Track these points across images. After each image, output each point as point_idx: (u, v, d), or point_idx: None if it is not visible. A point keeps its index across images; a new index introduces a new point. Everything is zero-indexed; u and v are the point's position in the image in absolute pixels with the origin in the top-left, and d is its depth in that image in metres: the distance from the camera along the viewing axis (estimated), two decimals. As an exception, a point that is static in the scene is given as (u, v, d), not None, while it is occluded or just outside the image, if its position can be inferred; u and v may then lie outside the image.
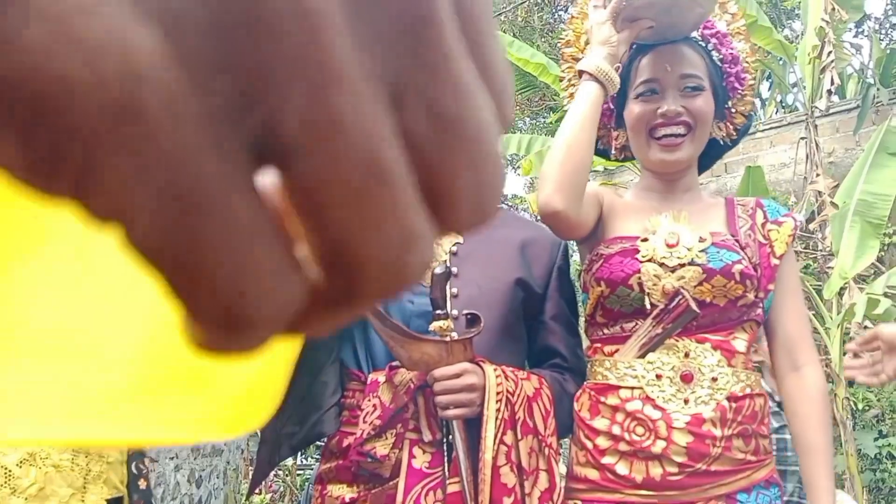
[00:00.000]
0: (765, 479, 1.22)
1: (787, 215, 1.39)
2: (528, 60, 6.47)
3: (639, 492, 1.20)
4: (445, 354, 1.25)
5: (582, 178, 1.25)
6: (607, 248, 1.33)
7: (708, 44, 1.37)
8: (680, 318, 1.20)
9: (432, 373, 1.24)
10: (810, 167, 5.94)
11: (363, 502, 1.28)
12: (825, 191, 5.65)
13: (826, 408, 1.30)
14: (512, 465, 1.23)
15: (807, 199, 5.90)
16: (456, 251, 1.41)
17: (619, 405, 1.25)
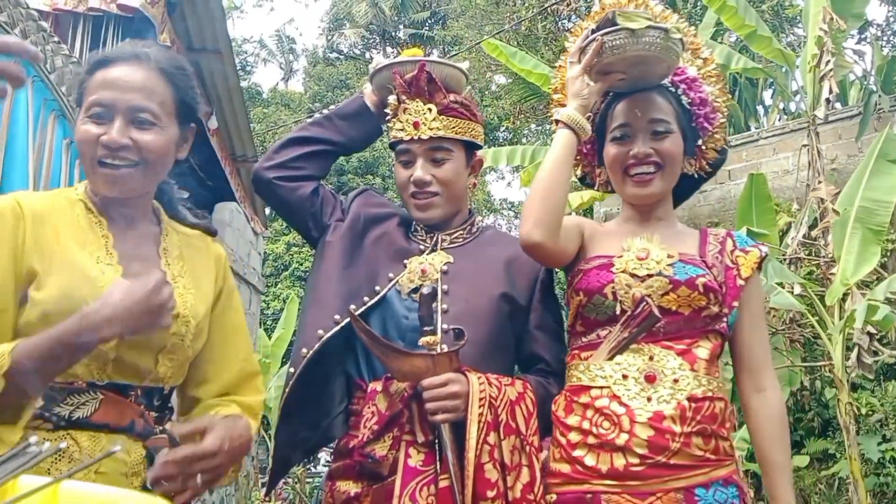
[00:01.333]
0: (724, 477, 1.34)
1: (755, 246, 1.53)
2: (531, 71, 6.59)
3: (604, 482, 1.32)
4: (432, 366, 1.40)
5: (558, 213, 1.40)
6: (587, 264, 1.49)
7: (678, 89, 1.52)
8: (644, 323, 1.32)
9: (421, 382, 1.40)
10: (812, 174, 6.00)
11: (366, 497, 1.44)
12: (827, 197, 5.70)
13: (785, 427, 1.45)
14: (495, 463, 1.37)
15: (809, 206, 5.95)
16: (447, 270, 1.55)
17: (589, 403, 1.39)
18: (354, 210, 1.65)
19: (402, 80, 1.59)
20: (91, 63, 1.24)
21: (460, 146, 1.60)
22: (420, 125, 1.56)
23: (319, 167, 1.66)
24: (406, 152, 1.60)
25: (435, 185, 1.57)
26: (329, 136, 1.66)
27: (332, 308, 1.52)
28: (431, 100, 1.58)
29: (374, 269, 1.58)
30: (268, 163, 1.62)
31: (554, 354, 1.58)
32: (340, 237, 1.60)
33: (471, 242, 1.63)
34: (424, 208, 1.59)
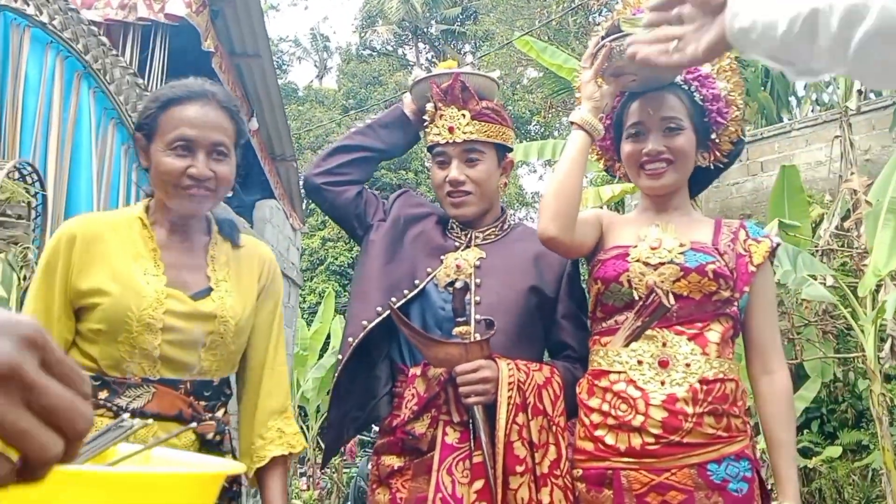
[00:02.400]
0: (735, 453, 1.44)
1: (766, 236, 1.63)
2: (561, 66, 6.65)
3: (623, 459, 1.44)
4: (465, 353, 1.54)
5: (572, 209, 1.52)
6: (605, 254, 1.60)
7: (690, 87, 1.61)
8: (655, 313, 1.44)
9: (455, 368, 1.53)
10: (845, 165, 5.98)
11: (407, 470, 1.59)
12: (860, 188, 5.68)
13: (791, 408, 1.54)
14: (524, 441, 1.50)
15: (842, 197, 5.93)
16: (479, 265, 1.69)
17: (608, 387, 1.51)
18: (395, 211, 1.80)
19: (438, 89, 1.74)
20: (163, 100, 1.42)
21: (492, 148, 1.74)
22: (455, 129, 1.71)
23: (363, 172, 1.81)
24: (442, 154, 1.74)
25: (468, 184, 1.71)
26: (371, 144, 1.82)
27: (375, 301, 1.67)
28: (465, 106, 1.72)
29: (413, 264, 1.72)
30: (316, 170, 1.79)
31: (580, 341, 1.70)
32: (382, 236, 1.75)
33: (502, 239, 1.77)
34: (459, 206, 1.73)
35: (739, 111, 1.66)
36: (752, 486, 1.44)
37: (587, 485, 1.49)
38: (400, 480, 1.59)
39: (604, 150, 1.74)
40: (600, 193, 5.96)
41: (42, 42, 2.94)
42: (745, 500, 1.42)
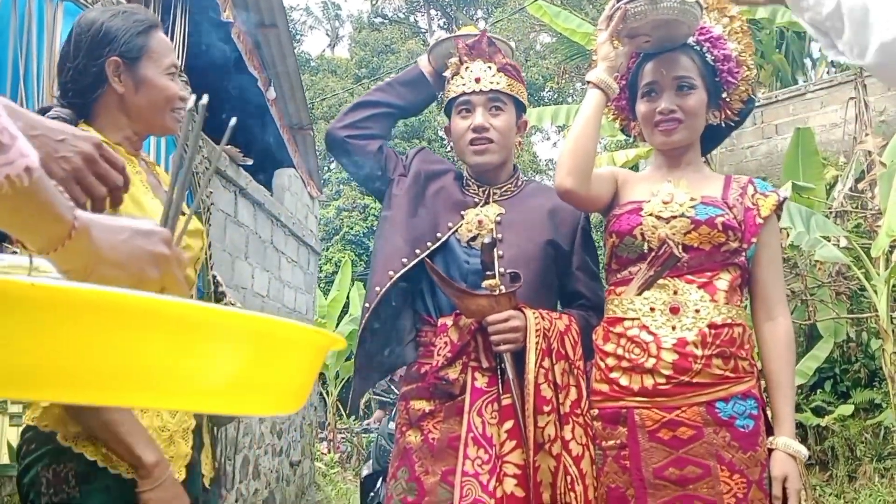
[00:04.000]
0: (742, 392, 1.54)
1: (774, 191, 1.70)
2: (574, 30, 6.63)
3: (636, 398, 1.54)
4: (495, 304, 1.64)
5: (587, 164, 1.60)
6: (620, 209, 1.69)
7: (702, 47, 1.68)
8: (666, 262, 1.52)
9: (486, 319, 1.64)
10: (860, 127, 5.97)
11: (439, 412, 1.70)
12: (874, 150, 5.68)
13: (792, 350, 1.63)
14: (549, 383, 1.61)
15: (856, 159, 5.93)
16: (500, 220, 1.78)
17: (622, 332, 1.60)
18: (415, 166, 1.88)
19: (465, 44, 1.83)
20: (147, 23, 1.43)
21: (512, 103, 1.83)
22: (481, 80, 1.80)
23: (383, 127, 1.90)
24: (466, 103, 1.81)
25: (492, 132, 1.79)
26: (391, 100, 1.90)
27: (401, 252, 1.76)
28: (491, 59, 1.81)
29: (434, 218, 1.81)
30: (339, 123, 1.88)
31: (593, 291, 1.81)
32: (405, 190, 1.83)
33: (518, 195, 1.85)
34: (482, 153, 1.80)
35: (750, 71, 1.72)
36: (757, 422, 1.53)
37: (603, 423, 1.59)
38: (431, 422, 1.69)
39: (620, 111, 1.81)
40: (614, 158, 6.00)
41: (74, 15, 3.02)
42: (751, 435, 1.51)
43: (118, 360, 0.47)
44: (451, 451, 1.63)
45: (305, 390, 0.60)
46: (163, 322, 0.48)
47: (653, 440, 1.52)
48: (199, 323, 0.50)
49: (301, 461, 6.21)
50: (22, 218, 0.64)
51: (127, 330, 0.47)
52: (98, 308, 0.47)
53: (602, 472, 1.58)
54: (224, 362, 0.51)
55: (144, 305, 0.48)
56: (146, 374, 0.48)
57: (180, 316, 0.49)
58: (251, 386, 0.54)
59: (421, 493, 1.64)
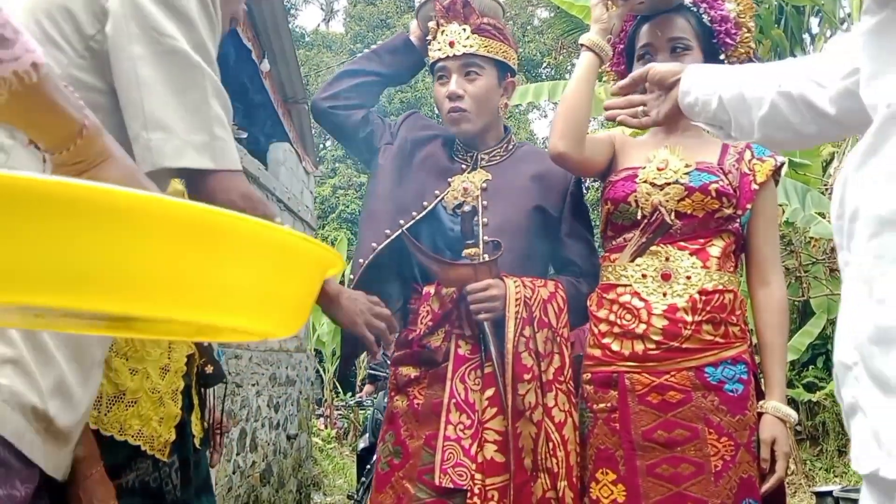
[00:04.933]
0: (732, 357, 1.55)
1: (771, 156, 1.69)
2: (572, 3, 6.53)
3: (626, 363, 1.55)
4: (474, 273, 1.64)
5: (581, 127, 1.59)
6: (615, 175, 1.68)
7: (699, 9, 1.66)
8: (658, 229, 1.52)
9: (466, 288, 1.63)
10: (857, 102, 5.93)
11: (424, 379, 1.71)
12: (871, 126, 5.66)
13: (785, 316, 1.63)
14: (530, 352, 1.61)
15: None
16: (486, 187, 1.77)
17: (615, 299, 1.61)
18: (402, 134, 1.85)
19: (441, 5, 1.78)
20: None
21: (492, 65, 1.77)
22: (455, 44, 1.74)
23: (368, 96, 1.87)
24: (442, 69, 1.77)
25: (466, 99, 1.74)
26: (375, 69, 1.87)
27: (385, 223, 1.75)
28: (466, 21, 1.75)
29: (421, 186, 1.79)
30: (323, 94, 1.85)
31: (584, 257, 1.80)
32: (391, 159, 1.81)
33: (507, 160, 1.83)
34: (457, 121, 1.76)
35: (750, 33, 1.71)
36: (747, 387, 1.54)
37: (594, 387, 1.61)
38: (416, 388, 1.70)
39: (619, 76, 1.79)
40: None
41: None
42: (740, 399, 1.52)
43: (109, 261, 0.44)
44: (434, 416, 1.64)
45: (307, 311, 0.57)
46: (169, 223, 0.45)
47: (642, 403, 1.53)
48: (206, 225, 0.47)
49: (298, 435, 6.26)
50: (31, 115, 0.63)
51: (128, 231, 0.44)
52: (101, 206, 0.43)
53: (592, 434, 1.60)
54: (233, 271, 0.48)
55: (153, 206, 0.45)
56: (143, 280, 0.45)
57: (185, 217, 0.46)
58: (258, 301, 0.51)
59: (406, 456, 1.66)
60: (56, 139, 0.65)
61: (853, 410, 0.69)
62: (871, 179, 0.68)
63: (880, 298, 0.65)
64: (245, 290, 0.50)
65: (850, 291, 0.71)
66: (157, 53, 0.90)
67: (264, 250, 0.50)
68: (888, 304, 0.65)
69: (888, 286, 0.65)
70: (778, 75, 1.01)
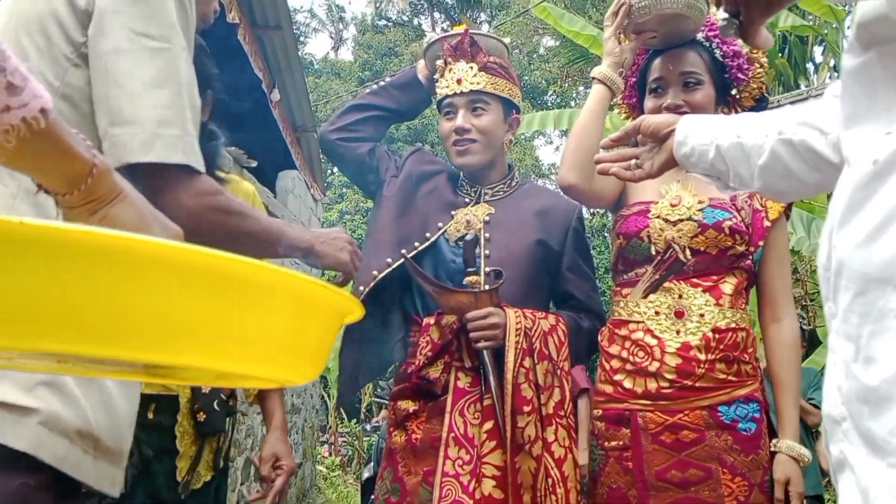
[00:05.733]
0: (745, 395, 1.53)
1: None
2: (578, 32, 6.62)
3: (639, 401, 1.54)
4: (475, 301, 1.64)
5: (590, 159, 1.59)
6: (628, 210, 1.68)
7: (711, 43, 1.66)
8: (672, 267, 1.52)
9: (466, 315, 1.63)
10: (863, 131, 5.94)
11: (422, 412, 1.69)
12: (878, 155, 5.67)
13: (797, 353, 1.62)
14: (530, 383, 1.61)
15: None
16: (489, 220, 1.79)
17: (627, 335, 1.59)
18: (408, 167, 1.87)
19: (449, 45, 1.82)
20: None
21: (498, 102, 1.81)
22: (462, 81, 1.78)
23: (375, 130, 1.90)
24: (449, 105, 1.81)
25: (473, 132, 1.77)
26: (383, 104, 1.90)
27: (387, 252, 1.76)
28: (473, 59, 1.80)
29: (425, 218, 1.80)
30: (331, 126, 1.88)
31: (584, 292, 1.80)
32: (395, 191, 1.83)
33: (510, 195, 1.84)
34: (463, 153, 1.79)
35: (763, 68, 1.70)
36: (760, 426, 1.52)
37: (606, 424, 1.59)
38: (415, 422, 1.68)
39: (631, 108, 1.81)
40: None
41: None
42: (753, 438, 1.50)
43: (131, 310, 0.44)
44: (432, 451, 1.62)
45: (325, 357, 0.58)
46: (192, 273, 0.46)
47: (655, 443, 1.51)
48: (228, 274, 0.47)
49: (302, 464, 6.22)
50: (41, 160, 0.63)
51: (150, 280, 0.44)
52: (122, 256, 0.44)
53: (603, 472, 1.58)
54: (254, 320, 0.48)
55: (178, 255, 0.45)
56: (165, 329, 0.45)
57: (208, 266, 0.46)
58: (279, 349, 0.51)
59: (403, 493, 1.64)
60: (66, 181, 0.65)
61: (841, 466, 0.68)
62: (856, 237, 0.67)
63: (867, 357, 0.64)
64: (266, 338, 0.50)
65: (837, 346, 0.70)
66: (129, 51, 0.87)
67: (285, 299, 0.50)
68: (876, 363, 0.64)
69: (874, 345, 0.64)
70: (777, 122, 0.98)
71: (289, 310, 0.51)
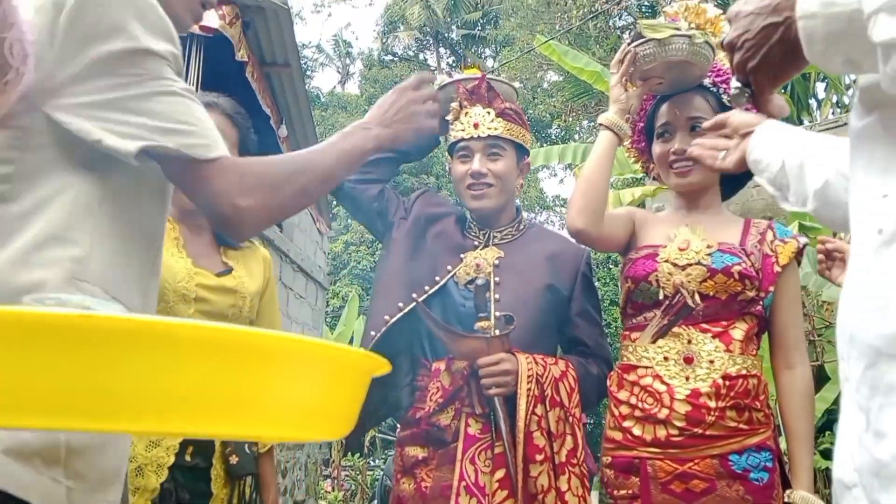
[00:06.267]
0: (756, 444, 1.51)
1: (794, 237, 1.67)
2: (582, 69, 6.69)
3: (649, 449, 1.52)
4: (486, 347, 1.62)
5: (599, 204, 1.60)
6: (636, 253, 1.67)
7: (718, 88, 1.67)
8: (680, 312, 1.51)
9: (477, 361, 1.62)
10: (867, 167, 5.95)
11: (432, 460, 1.66)
12: (882, 190, 5.66)
13: (811, 401, 1.60)
14: (542, 431, 1.58)
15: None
16: (498, 263, 1.78)
17: (636, 381, 1.58)
18: (416, 210, 1.87)
19: (465, 88, 1.83)
20: None
21: (512, 147, 1.82)
22: (479, 125, 1.79)
23: (384, 172, 1.89)
24: (465, 149, 1.81)
25: (490, 177, 1.78)
26: None
27: (397, 296, 1.74)
28: (490, 105, 1.81)
29: (434, 262, 1.79)
30: None
31: (593, 337, 1.79)
32: (405, 234, 1.82)
33: (519, 239, 1.84)
34: (479, 198, 1.79)
35: None
36: (772, 475, 1.49)
37: (615, 471, 1.56)
38: (424, 470, 1.65)
39: (640, 153, 1.82)
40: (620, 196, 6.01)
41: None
42: (766, 488, 1.47)
43: (160, 386, 0.47)
44: (443, 499, 1.59)
45: (355, 415, 0.61)
46: (221, 349, 0.49)
47: (665, 492, 1.48)
48: (257, 347, 0.51)
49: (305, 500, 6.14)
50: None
51: (180, 357, 0.48)
52: (162, 338, 0.48)
53: None
54: (286, 388, 0.52)
55: (217, 336, 0.49)
56: (195, 403, 0.49)
57: (237, 341, 0.50)
58: (309, 413, 0.54)
59: None
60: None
61: None
62: (865, 309, 0.68)
63: (877, 431, 0.65)
64: (296, 405, 0.53)
65: (849, 412, 0.70)
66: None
67: (314, 367, 0.53)
68: (886, 438, 0.64)
69: (884, 419, 0.64)
70: (840, 155, 0.98)
71: (318, 376, 0.54)
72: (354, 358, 0.56)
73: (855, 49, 0.69)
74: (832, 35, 0.70)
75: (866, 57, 0.67)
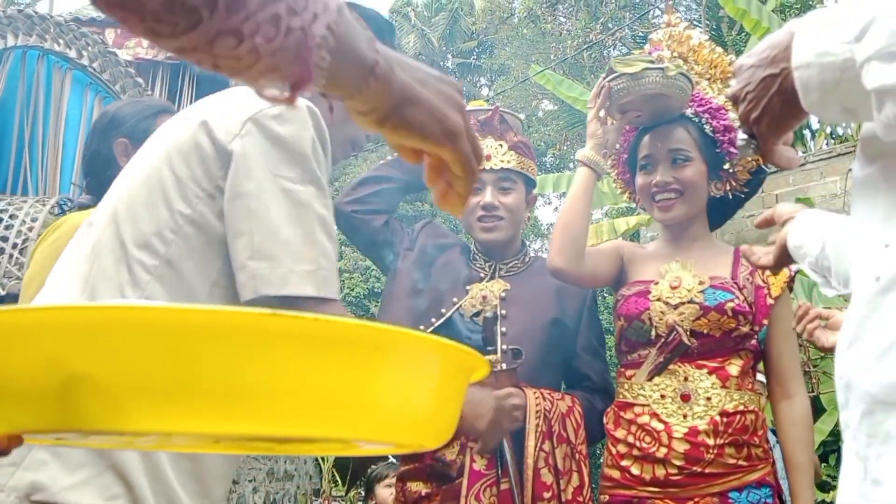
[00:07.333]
0: (756, 480, 1.50)
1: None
2: (577, 98, 6.76)
3: (648, 488, 1.50)
4: (495, 381, 1.61)
5: (577, 242, 1.59)
6: (628, 290, 1.66)
7: (700, 119, 1.67)
8: (676, 350, 1.50)
9: None
10: (860, 198, 5.99)
11: (435, 496, 1.65)
12: (875, 221, 5.69)
13: (809, 431, 1.60)
14: (550, 468, 1.56)
15: None
16: (504, 296, 1.76)
17: (633, 419, 1.57)
18: (421, 241, 1.87)
19: (476, 120, 1.83)
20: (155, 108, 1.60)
21: (522, 180, 1.83)
22: (492, 157, 1.80)
23: (389, 202, 1.90)
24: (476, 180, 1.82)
25: (501, 210, 1.79)
26: (398, 176, 1.91)
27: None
28: (502, 137, 1.82)
29: (439, 293, 1.79)
30: (346, 199, 1.88)
31: (598, 372, 1.79)
32: (410, 265, 1.82)
33: (525, 272, 1.84)
34: (490, 230, 1.79)
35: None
36: (773, 511, 1.49)
37: None
38: None
39: (625, 184, 1.82)
40: (615, 226, 6.02)
41: (82, 83, 3.10)
42: (767, 525, 1.47)
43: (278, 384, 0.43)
44: None
45: (456, 419, 0.55)
46: (334, 343, 0.45)
47: None
48: (368, 341, 0.46)
49: (295, 531, 6.02)
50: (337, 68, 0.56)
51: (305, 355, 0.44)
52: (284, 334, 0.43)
53: None
54: (394, 386, 0.48)
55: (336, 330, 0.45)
56: (312, 401, 0.44)
57: (348, 336, 0.46)
58: (413, 414, 0.49)
59: None
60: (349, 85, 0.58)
61: None
62: (862, 357, 0.68)
63: (875, 479, 0.65)
64: (403, 404, 0.48)
65: (848, 459, 0.70)
66: (270, 191, 0.95)
67: (422, 362, 0.49)
68: (882, 486, 0.64)
69: (881, 468, 0.65)
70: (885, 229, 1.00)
71: (424, 371, 0.49)
72: (458, 355, 0.51)
73: (850, 97, 0.70)
74: (827, 84, 0.71)
75: (861, 104, 0.68)
